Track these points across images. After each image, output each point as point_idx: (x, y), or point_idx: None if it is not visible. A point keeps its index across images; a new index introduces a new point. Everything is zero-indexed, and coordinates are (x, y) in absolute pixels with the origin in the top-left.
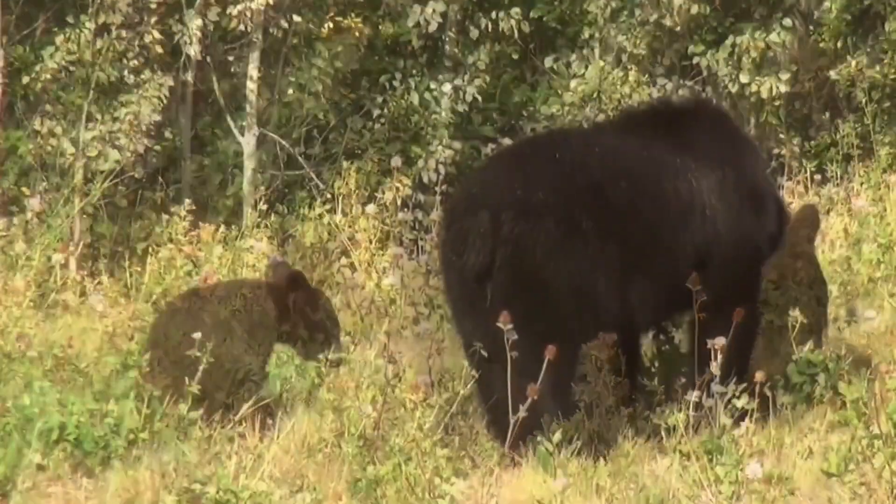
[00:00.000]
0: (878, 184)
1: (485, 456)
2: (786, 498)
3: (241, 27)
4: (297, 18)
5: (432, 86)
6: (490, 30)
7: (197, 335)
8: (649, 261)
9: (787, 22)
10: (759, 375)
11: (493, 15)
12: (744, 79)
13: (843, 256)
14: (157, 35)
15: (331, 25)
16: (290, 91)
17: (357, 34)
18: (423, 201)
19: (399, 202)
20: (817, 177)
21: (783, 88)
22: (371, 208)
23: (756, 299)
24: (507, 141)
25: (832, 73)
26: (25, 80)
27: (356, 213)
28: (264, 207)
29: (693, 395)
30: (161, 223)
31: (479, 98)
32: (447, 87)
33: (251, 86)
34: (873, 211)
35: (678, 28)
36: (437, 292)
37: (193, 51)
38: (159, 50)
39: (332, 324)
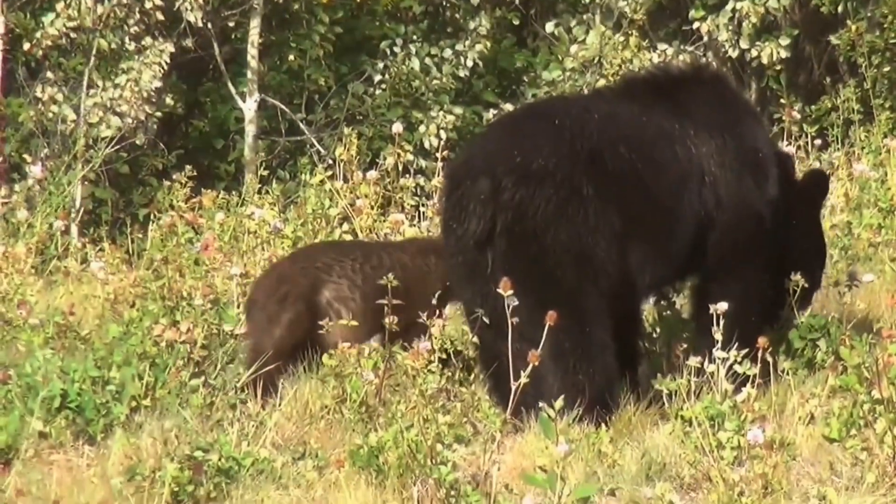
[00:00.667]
0: (879, 148)
1: (486, 422)
2: (787, 463)
3: None
4: None
5: (433, 51)
6: None
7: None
8: (649, 227)
9: None
10: (760, 341)
11: None
12: (744, 44)
13: (844, 221)
14: (157, 1)
15: None
16: (291, 57)
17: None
18: (425, 167)
19: (400, 168)
20: (818, 141)
21: (784, 54)
22: (372, 174)
23: (758, 265)
24: (508, 106)
25: (832, 38)
26: (26, 46)
27: (357, 179)
28: (265, 173)
29: (694, 361)
30: (162, 190)
31: (480, 63)
32: (448, 53)
33: (252, 52)
34: (874, 175)
35: None
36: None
37: (194, 17)
38: (160, 16)
39: None
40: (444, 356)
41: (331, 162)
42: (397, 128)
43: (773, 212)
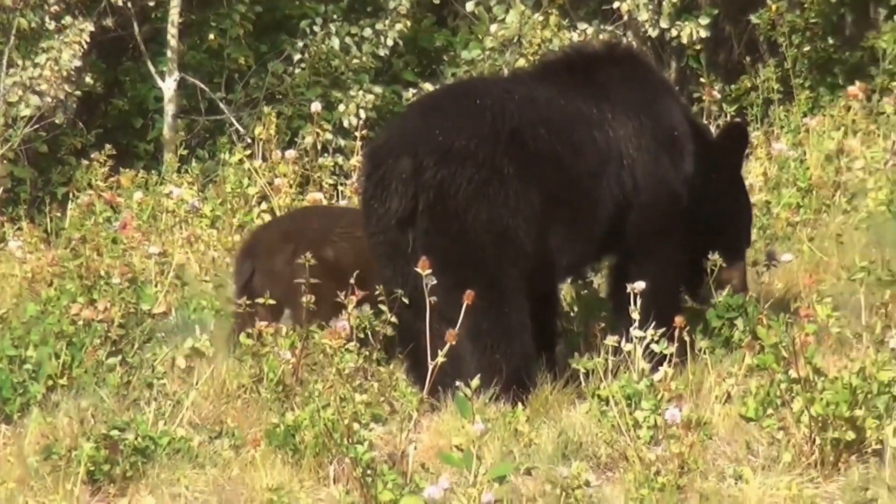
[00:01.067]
0: (798, 127)
1: (403, 401)
2: (704, 442)
3: None
4: None
5: (353, 30)
6: None
7: None
8: (569, 208)
9: None
10: (677, 320)
11: None
12: (664, 23)
13: (763, 200)
14: None
15: None
16: (211, 36)
17: None
18: (344, 146)
19: (319, 147)
20: (738, 121)
21: (703, 33)
22: (291, 153)
23: (675, 244)
24: (427, 85)
25: (752, 17)
26: None
27: (276, 158)
28: (184, 152)
29: (612, 340)
30: (81, 169)
31: (400, 42)
32: (368, 32)
33: (172, 31)
34: (793, 155)
35: None
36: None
37: None
38: None
39: None
40: (361, 335)
41: (250, 141)
42: (316, 107)
43: (693, 184)
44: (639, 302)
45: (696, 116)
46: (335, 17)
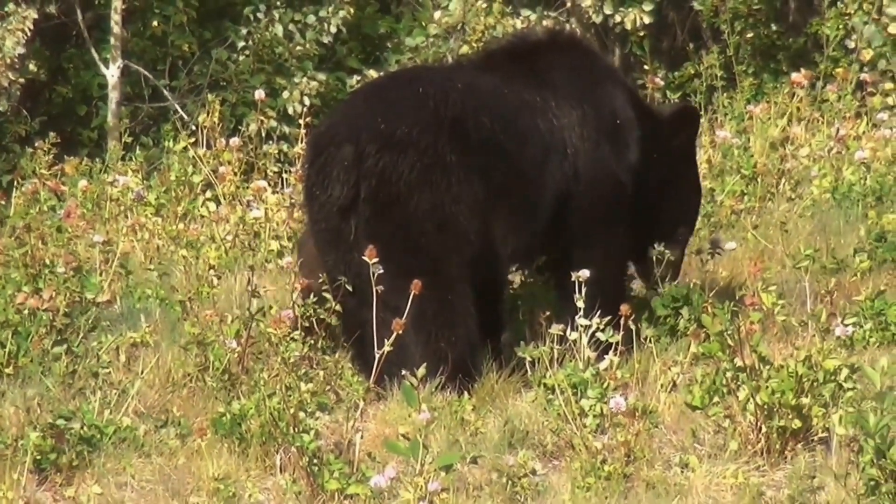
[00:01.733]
0: (742, 115)
1: (349, 390)
2: (650, 431)
3: None
4: None
5: (297, 17)
6: None
7: None
8: (512, 196)
9: None
10: (623, 308)
11: None
12: (608, 10)
13: (707, 188)
14: None
15: None
16: (155, 23)
17: None
18: (288, 133)
19: (263, 134)
20: (688, 103)
21: (647, 20)
22: (235, 141)
23: (620, 233)
24: (371, 72)
25: (696, 4)
26: None
27: (220, 145)
28: (129, 140)
29: (557, 329)
30: (25, 156)
31: (344, 29)
32: (311, 19)
33: (115, 18)
34: (736, 142)
35: None
36: (301, 226)
37: None
38: None
39: None
40: (307, 324)
41: (194, 128)
42: (260, 94)
43: (640, 170)
44: (584, 290)
45: (644, 100)
46: (278, 3)
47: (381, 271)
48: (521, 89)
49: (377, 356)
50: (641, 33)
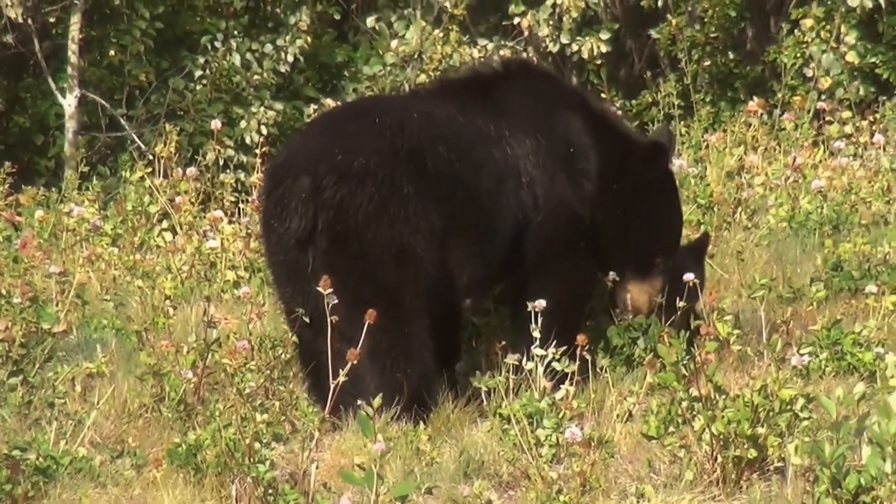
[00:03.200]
0: (699, 143)
1: (305, 421)
2: (606, 461)
3: None
4: None
5: (254, 46)
6: None
7: None
8: (469, 226)
9: None
10: (579, 338)
11: None
12: (565, 39)
13: None
14: None
15: None
16: (112, 52)
17: None
18: (245, 162)
19: (221, 163)
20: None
21: (604, 48)
22: (192, 170)
23: (576, 262)
24: (328, 101)
25: (653, 32)
26: None
27: (177, 175)
28: (86, 169)
29: (513, 359)
30: None
31: (301, 58)
32: (269, 48)
33: (73, 47)
34: (693, 171)
35: None
36: (257, 256)
37: (14, 13)
38: None
39: None
40: (263, 355)
41: (151, 158)
42: (217, 123)
43: (605, 199)
44: (540, 320)
45: (617, 125)
46: (236, 33)
47: (338, 302)
48: (476, 119)
49: (332, 386)
50: (599, 62)
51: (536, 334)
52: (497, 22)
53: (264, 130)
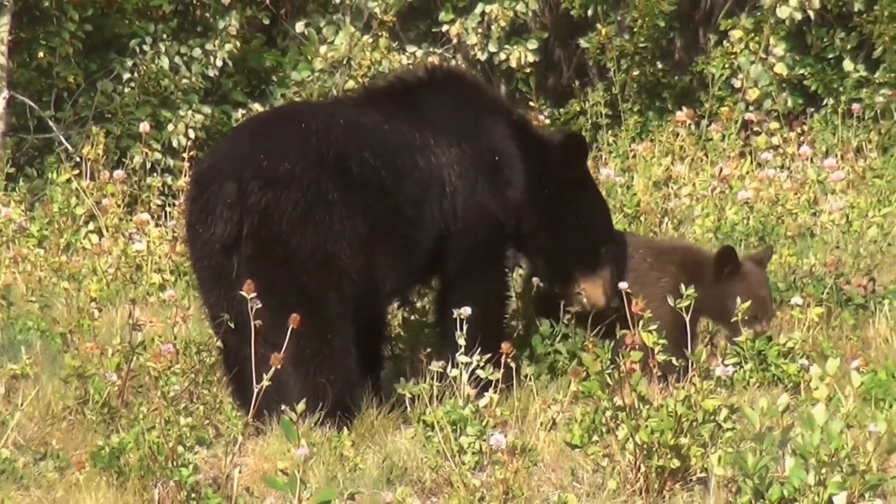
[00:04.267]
0: (626, 153)
1: (228, 425)
2: (529, 469)
3: None
4: None
5: (182, 50)
6: None
7: None
8: (393, 233)
9: None
10: (503, 346)
11: None
12: (493, 47)
13: None
14: None
15: None
16: (41, 54)
17: None
18: (173, 166)
19: (148, 167)
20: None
21: (532, 57)
22: (119, 173)
23: (499, 270)
24: (256, 106)
25: (582, 42)
26: None
27: (104, 177)
28: (12, 171)
29: (437, 366)
30: None
31: (230, 63)
32: (197, 52)
33: (1, 48)
34: (620, 181)
35: None
36: (183, 259)
37: None
38: None
39: None
40: (187, 358)
41: (78, 160)
42: (145, 126)
43: (535, 205)
44: (464, 327)
45: (536, 131)
46: (165, 36)
47: (262, 307)
48: (402, 127)
49: (256, 391)
50: (527, 70)
51: (461, 341)
52: (427, 29)
53: (192, 134)
